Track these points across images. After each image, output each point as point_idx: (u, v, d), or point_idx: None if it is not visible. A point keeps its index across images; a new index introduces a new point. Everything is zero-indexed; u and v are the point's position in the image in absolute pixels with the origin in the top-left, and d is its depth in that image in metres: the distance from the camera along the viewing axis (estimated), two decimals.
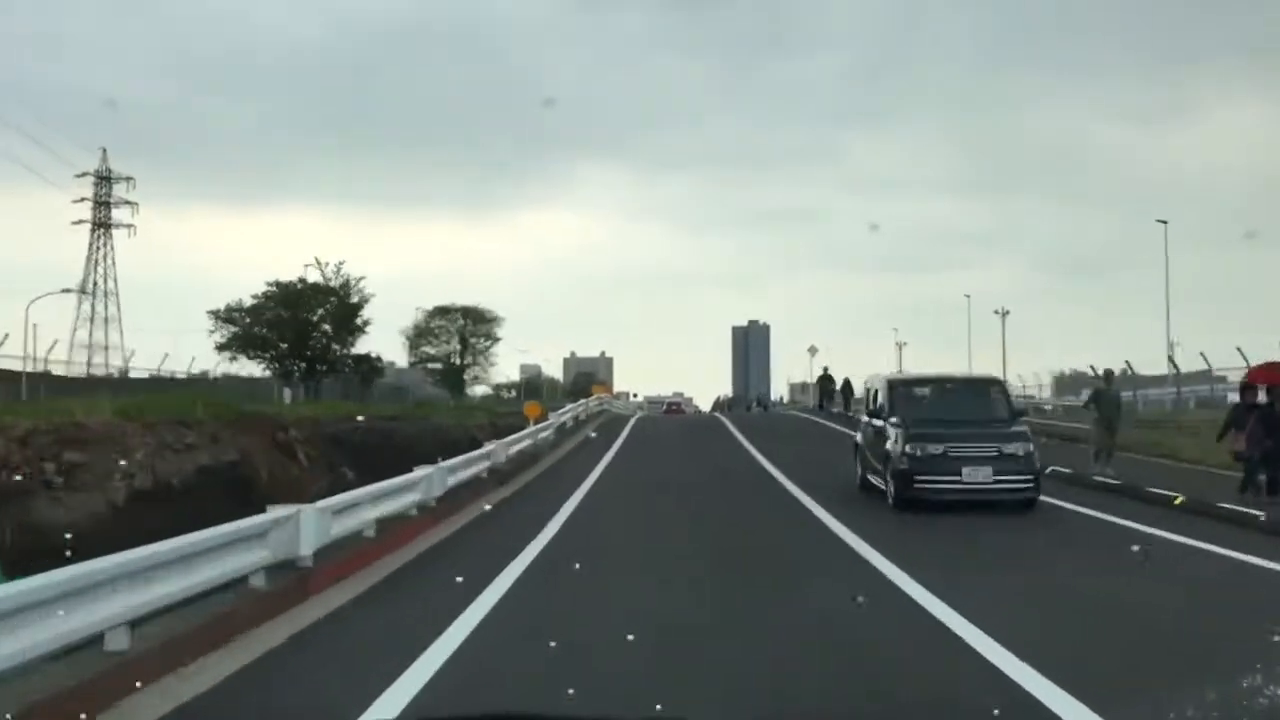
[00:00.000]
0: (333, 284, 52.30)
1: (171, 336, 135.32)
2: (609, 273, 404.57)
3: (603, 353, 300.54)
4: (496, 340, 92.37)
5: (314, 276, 52.09)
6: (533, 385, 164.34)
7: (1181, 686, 5.57)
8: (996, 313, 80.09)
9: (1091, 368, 32.55)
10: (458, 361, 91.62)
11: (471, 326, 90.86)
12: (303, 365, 52.38)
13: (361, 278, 52.99)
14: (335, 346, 53.33)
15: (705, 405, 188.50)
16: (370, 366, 63.37)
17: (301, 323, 51.50)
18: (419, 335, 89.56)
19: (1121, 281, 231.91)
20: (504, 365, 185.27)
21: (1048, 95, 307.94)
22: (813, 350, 62.49)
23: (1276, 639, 6.43)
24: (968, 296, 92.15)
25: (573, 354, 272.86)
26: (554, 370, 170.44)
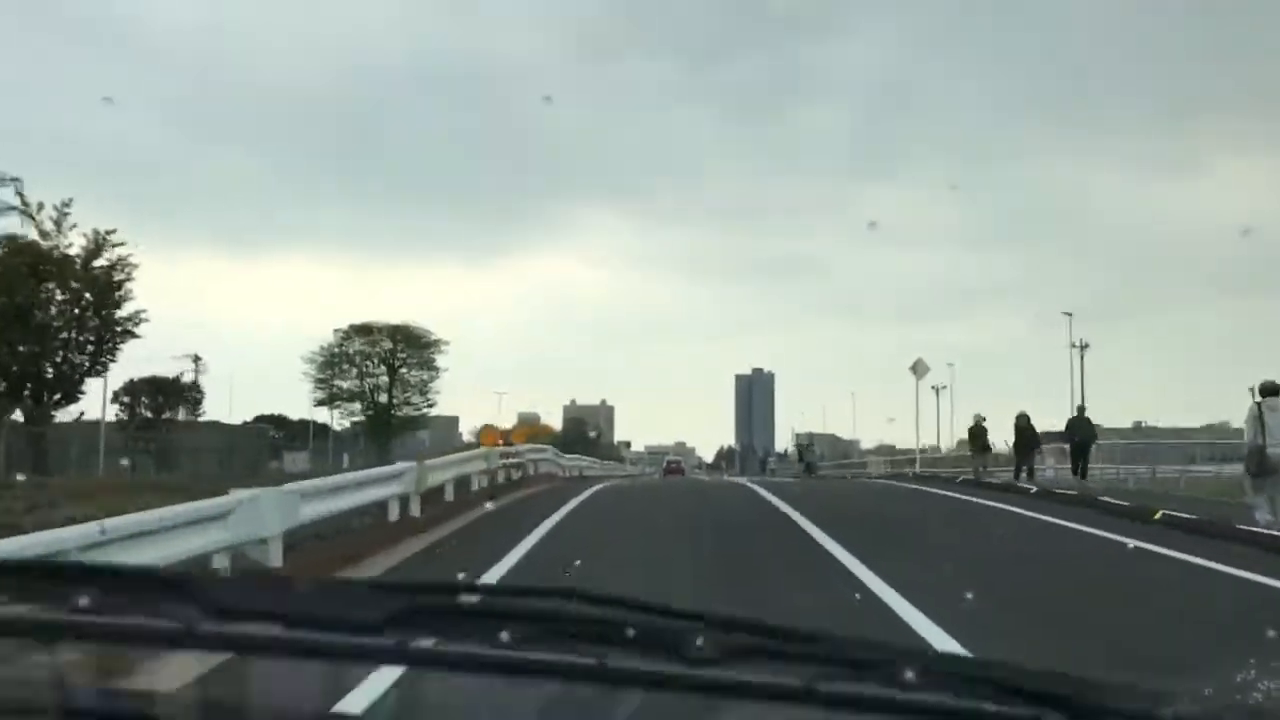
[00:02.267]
0: (62, 247, 28.87)
1: None
2: (611, 321, 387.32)
3: (603, 401, 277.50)
4: (437, 371, 69.42)
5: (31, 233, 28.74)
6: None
7: None
8: (1074, 346, 64.89)
9: None
10: (385, 399, 68.38)
11: (404, 352, 67.76)
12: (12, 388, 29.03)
13: (111, 231, 29.46)
14: (76, 358, 29.87)
15: (708, 455, 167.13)
16: (173, 391, 40.48)
17: (15, 312, 28.30)
18: (329, 363, 66.39)
19: (1127, 332, 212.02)
20: (448, 403, 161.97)
21: (1053, 148, 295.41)
22: (920, 369, 37.01)
23: None
24: (1068, 314, 69.65)
25: (573, 402, 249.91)
26: (554, 418, 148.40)
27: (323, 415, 71.71)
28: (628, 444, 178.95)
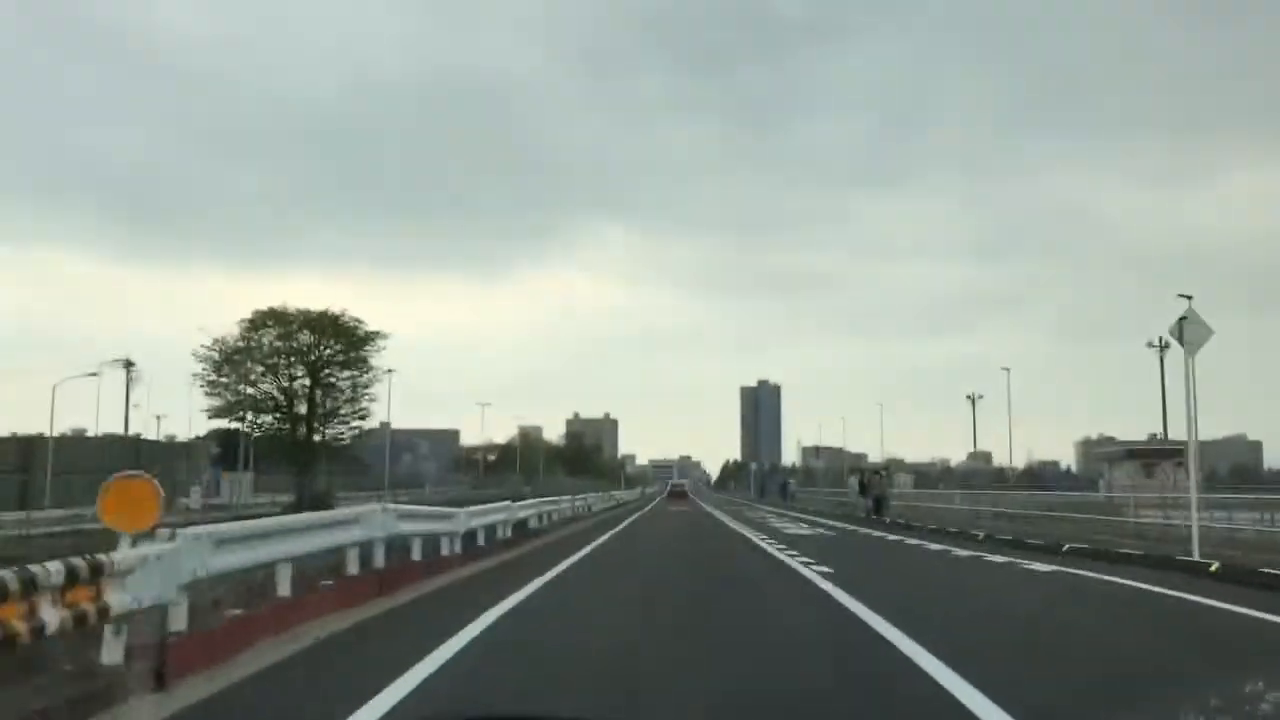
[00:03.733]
0: None
1: None
2: (615, 334, 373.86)
3: (607, 414, 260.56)
4: (376, 375, 52.53)
5: None
6: (513, 449, 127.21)
7: None
8: (1150, 345, 56.18)
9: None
10: (303, 409, 51.23)
11: (328, 348, 50.85)
12: None
13: None
14: None
15: (713, 468, 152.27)
16: None
17: None
18: (229, 361, 49.37)
19: (1136, 346, 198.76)
20: (449, 417, 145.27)
21: (1060, 159, 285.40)
22: (1194, 334, 15.27)
23: None
24: (1187, 296, 59.15)
25: (575, 415, 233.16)
26: (556, 432, 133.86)
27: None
28: (631, 458, 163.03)
